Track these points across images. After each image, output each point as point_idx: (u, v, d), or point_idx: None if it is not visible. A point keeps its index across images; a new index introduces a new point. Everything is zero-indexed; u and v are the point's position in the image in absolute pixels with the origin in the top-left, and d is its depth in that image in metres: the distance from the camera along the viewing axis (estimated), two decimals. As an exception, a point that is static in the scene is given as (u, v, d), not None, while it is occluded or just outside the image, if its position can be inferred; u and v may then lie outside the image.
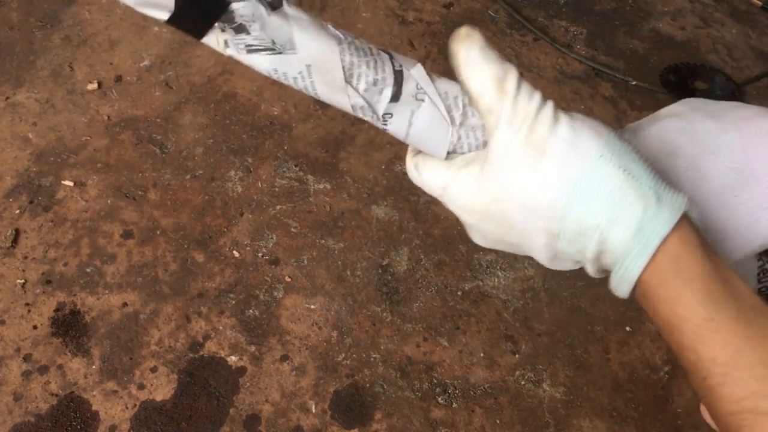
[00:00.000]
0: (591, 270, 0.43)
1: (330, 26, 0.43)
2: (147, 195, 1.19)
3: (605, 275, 0.44)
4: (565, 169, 0.41)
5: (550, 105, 0.42)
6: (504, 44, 1.55)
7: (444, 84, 0.46)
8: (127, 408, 0.97)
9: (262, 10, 0.40)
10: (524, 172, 0.41)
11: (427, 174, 0.46)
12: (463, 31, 0.43)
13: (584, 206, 0.40)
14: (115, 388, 0.99)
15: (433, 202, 1.23)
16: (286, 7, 0.41)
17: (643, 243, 0.39)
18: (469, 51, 0.42)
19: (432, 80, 0.45)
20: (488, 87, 0.42)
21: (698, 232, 0.40)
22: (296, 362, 1.03)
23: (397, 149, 1.30)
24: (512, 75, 0.42)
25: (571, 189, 0.40)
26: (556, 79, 1.50)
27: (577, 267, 0.45)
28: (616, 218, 0.40)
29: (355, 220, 1.19)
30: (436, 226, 1.20)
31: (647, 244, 0.39)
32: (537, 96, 0.42)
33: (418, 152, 0.47)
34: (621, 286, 0.42)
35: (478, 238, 0.47)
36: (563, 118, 0.42)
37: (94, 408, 0.97)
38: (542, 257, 0.44)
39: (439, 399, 1.02)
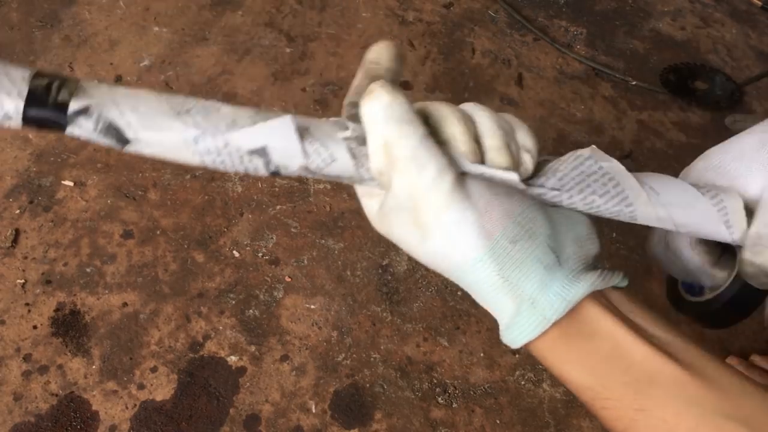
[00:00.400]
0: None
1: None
2: (147, 195, 1.19)
3: None
4: (445, 261, 0.41)
5: (446, 181, 0.40)
6: (504, 44, 1.55)
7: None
8: (127, 408, 0.97)
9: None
10: (411, 241, 0.42)
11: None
12: (371, 87, 0.41)
13: (466, 289, 0.42)
14: (115, 388, 0.99)
15: (433, 202, 1.23)
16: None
17: (509, 340, 0.41)
18: (371, 107, 0.41)
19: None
20: (378, 150, 0.41)
21: (594, 313, 0.41)
22: (296, 362, 1.03)
23: (397, 149, 1.30)
24: (406, 141, 0.40)
25: (452, 276, 0.42)
26: (556, 79, 1.50)
27: None
28: (495, 309, 0.42)
29: (355, 220, 1.19)
30: (436, 226, 1.20)
31: (513, 341, 0.41)
32: (431, 168, 0.40)
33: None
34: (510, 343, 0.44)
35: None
36: (455, 203, 0.40)
37: (94, 408, 0.97)
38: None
39: (439, 399, 1.02)
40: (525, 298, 0.40)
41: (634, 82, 1.51)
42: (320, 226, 1.18)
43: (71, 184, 1.19)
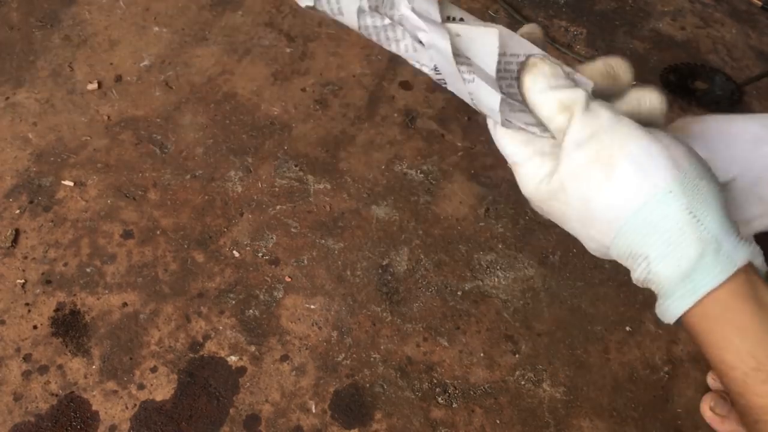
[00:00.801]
0: (635, 280, 0.44)
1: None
2: (147, 195, 1.19)
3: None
4: (630, 194, 0.40)
5: (625, 121, 0.42)
6: (504, 44, 1.55)
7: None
8: (127, 408, 0.97)
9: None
10: (588, 186, 0.41)
11: (502, 140, 0.46)
12: (530, 61, 0.45)
13: (639, 235, 0.40)
14: (115, 388, 0.99)
15: (433, 202, 1.23)
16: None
17: (689, 289, 0.39)
18: (535, 80, 0.44)
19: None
20: (554, 112, 0.43)
21: (759, 282, 0.39)
22: (296, 362, 1.03)
23: (397, 149, 1.30)
24: (578, 97, 0.43)
25: (631, 215, 0.40)
26: (556, 79, 1.50)
27: None
28: (668, 255, 0.39)
29: (355, 220, 1.19)
30: (436, 226, 1.20)
31: (693, 291, 0.39)
32: (607, 112, 0.42)
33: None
34: (664, 316, 0.41)
35: (534, 207, 0.48)
36: (642, 136, 0.41)
37: (94, 408, 0.97)
38: (591, 250, 0.45)
39: (439, 399, 1.02)
40: (710, 240, 0.39)
41: (634, 82, 1.51)
42: (320, 226, 1.18)
43: (71, 184, 1.19)
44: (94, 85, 1.33)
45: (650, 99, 0.46)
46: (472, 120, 1.38)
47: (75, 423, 0.96)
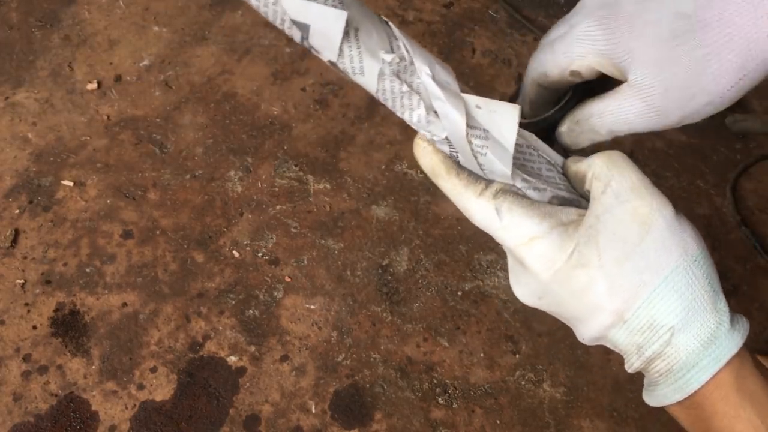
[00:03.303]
0: (634, 364, 0.43)
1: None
2: (147, 195, 1.19)
3: (637, 372, 0.44)
4: (665, 254, 0.40)
5: (658, 192, 0.43)
6: (504, 44, 1.55)
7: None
8: (126, 408, 0.97)
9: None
10: (624, 246, 0.40)
11: (515, 219, 0.44)
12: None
13: (666, 303, 0.40)
14: (115, 388, 0.99)
15: (433, 202, 1.23)
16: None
17: (713, 357, 0.39)
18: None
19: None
20: (597, 157, 0.44)
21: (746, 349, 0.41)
22: (296, 362, 1.03)
23: (397, 149, 1.29)
24: (619, 153, 0.44)
25: (661, 281, 0.40)
26: (556, 78, 1.50)
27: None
28: (691, 325, 0.40)
29: (355, 220, 1.19)
30: (436, 226, 1.20)
31: (717, 358, 0.39)
32: (638, 172, 0.43)
33: (500, 191, 0.45)
34: (673, 394, 0.41)
35: (525, 294, 0.46)
36: (669, 202, 0.42)
37: (93, 408, 0.97)
38: (587, 334, 0.44)
39: (439, 399, 1.02)
40: (724, 310, 0.40)
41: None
42: (320, 226, 1.18)
43: (71, 184, 1.19)
44: (93, 85, 1.33)
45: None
46: (472, 120, 1.38)
47: (75, 423, 0.95)
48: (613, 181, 0.42)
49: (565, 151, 0.52)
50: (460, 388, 1.03)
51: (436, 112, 0.44)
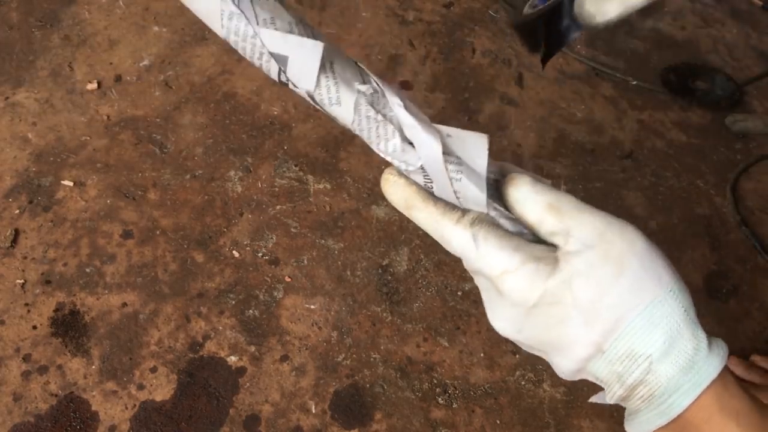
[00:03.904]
0: (617, 392, 0.44)
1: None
2: (147, 195, 1.19)
3: (619, 404, 0.45)
4: (640, 291, 0.41)
5: (620, 220, 0.43)
6: (504, 44, 1.55)
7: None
8: (126, 408, 0.97)
9: None
10: (598, 284, 0.41)
11: (488, 250, 0.45)
12: (510, 176, 0.45)
13: (644, 333, 0.41)
14: (115, 388, 0.99)
15: (433, 202, 1.22)
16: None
17: (694, 381, 0.40)
18: (518, 188, 0.44)
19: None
20: (544, 214, 0.43)
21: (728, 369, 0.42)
22: (296, 362, 1.03)
23: (397, 149, 1.29)
24: (567, 198, 0.43)
25: (637, 314, 0.41)
26: (556, 79, 1.50)
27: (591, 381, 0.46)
28: (669, 353, 0.41)
29: (355, 220, 1.19)
30: (436, 226, 1.20)
31: (697, 383, 0.40)
32: (599, 211, 0.43)
33: (476, 220, 0.46)
34: (657, 418, 0.42)
35: (504, 327, 0.46)
36: (642, 236, 0.42)
37: (93, 408, 0.97)
38: (566, 367, 0.44)
39: (439, 399, 1.02)
40: (701, 336, 0.41)
41: (634, 82, 1.51)
42: (320, 226, 1.18)
43: (71, 184, 1.19)
44: (93, 85, 1.33)
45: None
46: (472, 120, 1.38)
47: (75, 423, 0.95)
48: (573, 230, 0.42)
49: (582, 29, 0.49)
50: (460, 388, 1.03)
51: (410, 142, 0.44)
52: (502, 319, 0.46)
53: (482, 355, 1.07)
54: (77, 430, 0.95)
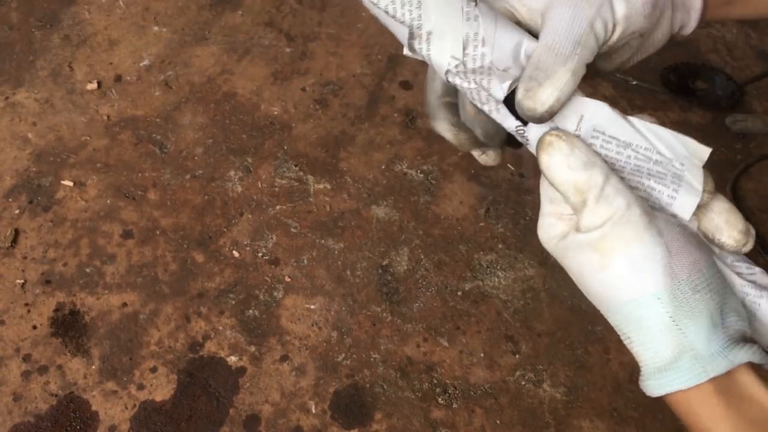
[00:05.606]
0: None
1: None
2: (147, 195, 1.19)
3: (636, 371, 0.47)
4: (619, 289, 0.42)
5: (636, 217, 0.42)
6: (504, 44, 1.55)
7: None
8: (126, 408, 0.97)
9: None
10: (582, 269, 0.43)
11: (544, 187, 0.47)
12: (546, 139, 0.44)
13: (624, 322, 0.42)
14: (115, 388, 0.99)
15: (433, 202, 1.23)
16: None
17: (660, 383, 0.42)
18: (551, 159, 0.44)
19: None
20: (569, 193, 0.43)
21: (751, 382, 0.42)
22: (296, 362, 1.03)
23: (397, 149, 1.29)
24: (594, 182, 0.43)
25: (616, 307, 0.42)
26: (556, 78, 1.50)
27: None
28: (648, 348, 0.42)
29: (355, 220, 1.19)
30: (436, 226, 1.20)
31: (663, 386, 0.42)
32: (622, 201, 0.42)
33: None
34: (643, 389, 0.44)
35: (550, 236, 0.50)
36: (647, 238, 0.42)
37: (93, 408, 0.97)
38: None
39: (439, 399, 1.02)
40: (687, 348, 0.41)
41: (634, 82, 1.51)
42: (320, 226, 1.18)
43: (71, 184, 1.19)
44: (93, 85, 1.32)
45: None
46: (472, 120, 1.38)
47: (74, 423, 0.95)
48: (582, 217, 0.44)
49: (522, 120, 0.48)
50: (460, 388, 1.03)
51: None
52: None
53: (482, 355, 1.06)
54: (77, 430, 0.95)
